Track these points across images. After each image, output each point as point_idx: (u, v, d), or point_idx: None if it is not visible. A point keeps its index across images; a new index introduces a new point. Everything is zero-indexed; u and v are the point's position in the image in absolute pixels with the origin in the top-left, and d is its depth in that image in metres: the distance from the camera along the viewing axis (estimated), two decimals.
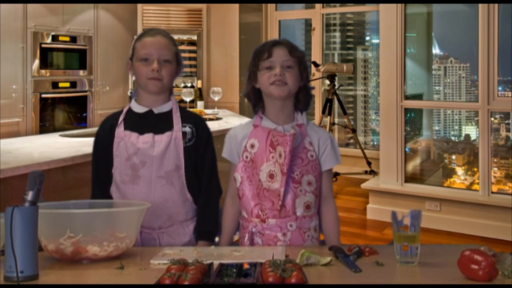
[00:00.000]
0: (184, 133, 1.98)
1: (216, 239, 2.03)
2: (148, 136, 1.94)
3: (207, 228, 2.01)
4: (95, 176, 2.05)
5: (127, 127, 1.97)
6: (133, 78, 2.09)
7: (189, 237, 2.00)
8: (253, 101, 1.96)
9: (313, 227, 1.91)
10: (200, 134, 2.02)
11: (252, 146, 1.90)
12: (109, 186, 2.00)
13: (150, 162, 1.93)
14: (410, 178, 4.97)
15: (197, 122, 2.04)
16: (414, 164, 5.32)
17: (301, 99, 1.92)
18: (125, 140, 1.95)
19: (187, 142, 1.98)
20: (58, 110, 5.86)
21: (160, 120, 1.99)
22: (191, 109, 4.65)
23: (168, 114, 2.01)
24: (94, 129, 4.45)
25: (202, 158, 2.02)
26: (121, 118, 2.00)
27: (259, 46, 1.92)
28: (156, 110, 2.00)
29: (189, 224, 2.01)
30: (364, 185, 5.01)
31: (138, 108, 2.01)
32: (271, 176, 1.86)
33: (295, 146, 1.86)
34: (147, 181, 1.93)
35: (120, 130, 1.97)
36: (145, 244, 1.93)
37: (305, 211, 1.88)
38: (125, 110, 2.03)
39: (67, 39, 5.90)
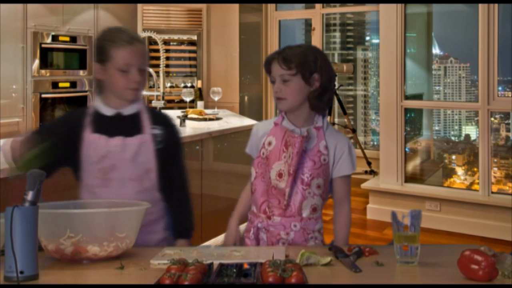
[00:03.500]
0: (154, 136, 1.94)
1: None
2: (118, 139, 1.90)
3: (185, 227, 2.03)
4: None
5: (95, 130, 1.91)
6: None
7: (163, 234, 2.00)
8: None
9: (317, 229, 1.92)
10: (171, 137, 1.99)
11: (270, 143, 1.92)
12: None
13: (121, 166, 1.89)
14: (410, 178, 4.97)
15: (167, 125, 2.01)
16: (414, 164, 5.32)
17: (313, 103, 1.90)
18: (95, 143, 1.89)
19: (158, 144, 1.94)
20: (58, 110, 5.85)
21: (129, 122, 1.94)
22: (191, 109, 4.65)
23: (137, 116, 1.96)
24: None
25: (174, 161, 2.01)
26: (87, 120, 1.93)
27: (266, 58, 1.93)
28: (125, 112, 1.95)
29: (160, 221, 2.00)
30: (364, 185, 5.01)
31: (106, 110, 1.94)
32: (280, 175, 1.88)
33: (309, 148, 1.88)
34: (119, 184, 1.90)
35: (87, 134, 1.90)
36: None
37: (311, 213, 1.90)
38: (89, 111, 1.95)
39: (67, 39, 5.90)
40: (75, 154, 1.92)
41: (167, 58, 5.98)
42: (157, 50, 5.11)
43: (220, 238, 3.52)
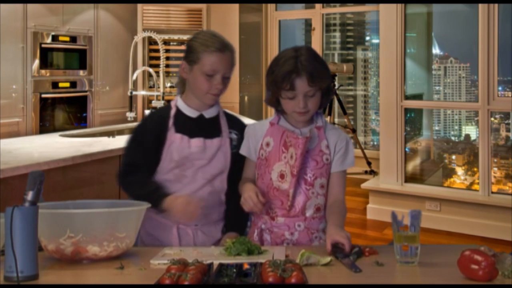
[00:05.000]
0: (230, 140, 2.02)
1: None
2: (199, 140, 1.96)
3: (240, 222, 2.04)
4: (131, 164, 1.99)
5: (178, 130, 1.97)
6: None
7: (221, 234, 2.04)
8: (275, 106, 1.94)
9: (321, 229, 1.92)
10: None
11: (268, 144, 1.91)
12: (143, 173, 1.98)
13: (199, 165, 1.96)
14: (410, 178, 4.97)
15: (243, 129, 2.07)
16: (414, 164, 5.32)
17: (323, 101, 1.90)
18: (177, 143, 1.95)
19: (233, 148, 2.01)
20: (58, 110, 5.86)
21: (210, 125, 2.01)
22: None
23: (216, 119, 2.03)
24: (94, 129, 4.45)
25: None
26: (171, 120, 1.99)
27: (280, 75, 1.82)
28: (207, 115, 2.02)
29: (221, 223, 2.06)
30: (364, 185, 5.01)
31: (189, 112, 2.01)
32: (282, 176, 1.87)
33: (311, 148, 1.87)
34: (191, 181, 1.97)
35: (171, 133, 1.97)
36: (181, 240, 1.97)
37: (315, 212, 1.90)
38: (173, 112, 2.00)
39: (67, 39, 5.90)
40: (161, 151, 1.98)
41: (167, 58, 5.97)
42: (157, 50, 5.11)
43: None
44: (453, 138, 6.06)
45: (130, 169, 1.99)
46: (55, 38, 5.75)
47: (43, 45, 5.62)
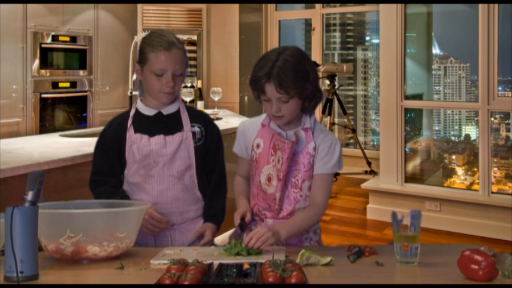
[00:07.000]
0: (193, 133, 2.02)
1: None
2: (159, 138, 1.97)
3: (215, 212, 2.05)
4: (97, 173, 2.04)
5: (137, 130, 1.99)
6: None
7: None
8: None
9: (312, 230, 1.91)
10: (210, 133, 2.07)
11: (258, 146, 1.91)
12: (110, 182, 2.01)
13: (162, 162, 1.96)
14: (410, 178, 4.97)
15: (206, 122, 2.08)
16: (414, 164, 5.32)
17: (307, 105, 1.86)
18: (137, 143, 1.97)
19: (197, 142, 2.02)
20: (58, 110, 5.85)
21: (169, 121, 2.01)
22: None
23: (176, 115, 2.03)
24: (94, 129, 4.45)
25: (215, 156, 2.08)
26: (129, 121, 2.01)
27: (253, 78, 1.84)
28: (165, 112, 2.02)
29: (199, 220, 2.05)
30: (364, 185, 5.01)
31: (147, 111, 2.02)
32: (269, 179, 1.86)
33: (298, 150, 1.85)
34: (159, 180, 1.97)
35: (131, 134, 1.99)
36: (158, 242, 1.97)
37: None
38: (132, 113, 2.03)
39: (67, 39, 5.90)
40: (124, 155, 2.00)
41: None
42: None
43: (221, 237, 3.52)
44: (453, 138, 6.05)
45: (97, 178, 2.02)
46: (55, 38, 5.75)
47: (43, 45, 5.62)
